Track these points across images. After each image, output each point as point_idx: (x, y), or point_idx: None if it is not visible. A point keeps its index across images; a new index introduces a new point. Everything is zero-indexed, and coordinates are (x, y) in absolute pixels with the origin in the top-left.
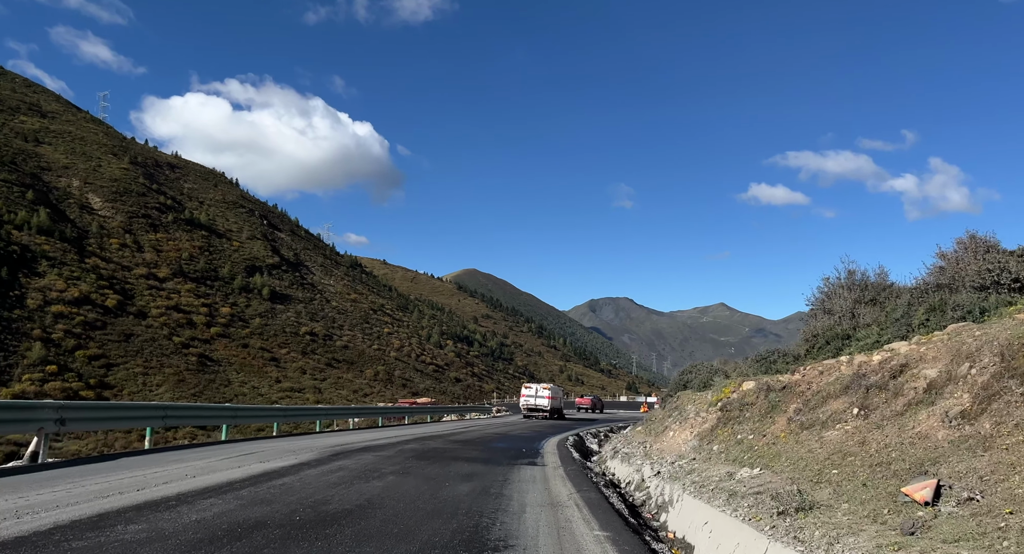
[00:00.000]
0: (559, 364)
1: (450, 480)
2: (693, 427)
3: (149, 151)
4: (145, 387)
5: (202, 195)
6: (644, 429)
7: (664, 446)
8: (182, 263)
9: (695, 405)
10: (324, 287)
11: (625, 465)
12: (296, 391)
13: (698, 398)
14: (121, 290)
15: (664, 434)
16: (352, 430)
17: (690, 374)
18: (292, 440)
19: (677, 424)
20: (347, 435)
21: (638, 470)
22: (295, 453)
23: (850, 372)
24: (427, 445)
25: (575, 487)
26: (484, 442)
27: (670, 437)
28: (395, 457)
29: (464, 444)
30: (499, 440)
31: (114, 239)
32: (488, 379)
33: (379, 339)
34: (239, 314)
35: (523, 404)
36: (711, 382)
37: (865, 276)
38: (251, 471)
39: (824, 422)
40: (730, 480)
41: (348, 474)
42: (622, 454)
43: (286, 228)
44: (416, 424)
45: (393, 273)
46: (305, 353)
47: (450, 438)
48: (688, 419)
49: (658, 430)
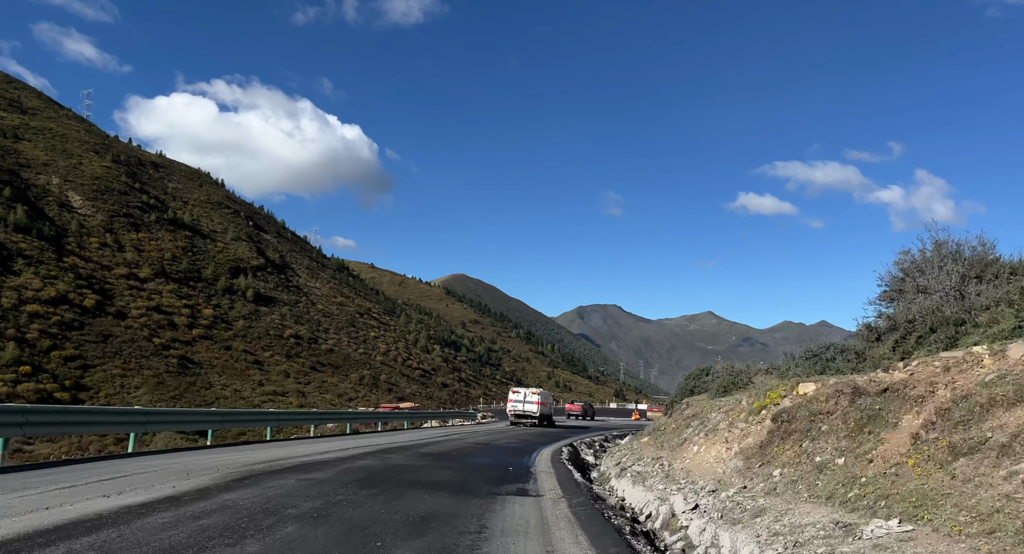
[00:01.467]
0: (547, 370)
1: (389, 531)
2: (729, 442)
3: (132, 149)
4: (123, 389)
5: (186, 195)
6: (653, 441)
7: (691, 465)
8: (164, 263)
9: (723, 413)
10: (310, 290)
11: (639, 488)
12: (280, 395)
13: (724, 404)
14: (100, 290)
15: (684, 448)
16: (310, 438)
17: (701, 378)
18: (215, 453)
19: (702, 437)
20: (294, 446)
21: (661, 499)
22: (187, 476)
23: (1004, 367)
24: (386, 461)
25: (592, 544)
26: (461, 456)
27: (695, 453)
28: (327, 483)
29: (435, 459)
30: (480, 453)
31: (94, 238)
32: (475, 384)
33: (365, 343)
34: (222, 316)
35: (510, 410)
36: (738, 385)
37: (960, 247)
38: (67, 515)
39: (1006, 446)
40: (853, 539)
41: (222, 521)
42: (632, 473)
43: (272, 230)
44: (391, 431)
45: (381, 277)
46: (289, 356)
47: (420, 450)
48: (718, 431)
49: (674, 443)
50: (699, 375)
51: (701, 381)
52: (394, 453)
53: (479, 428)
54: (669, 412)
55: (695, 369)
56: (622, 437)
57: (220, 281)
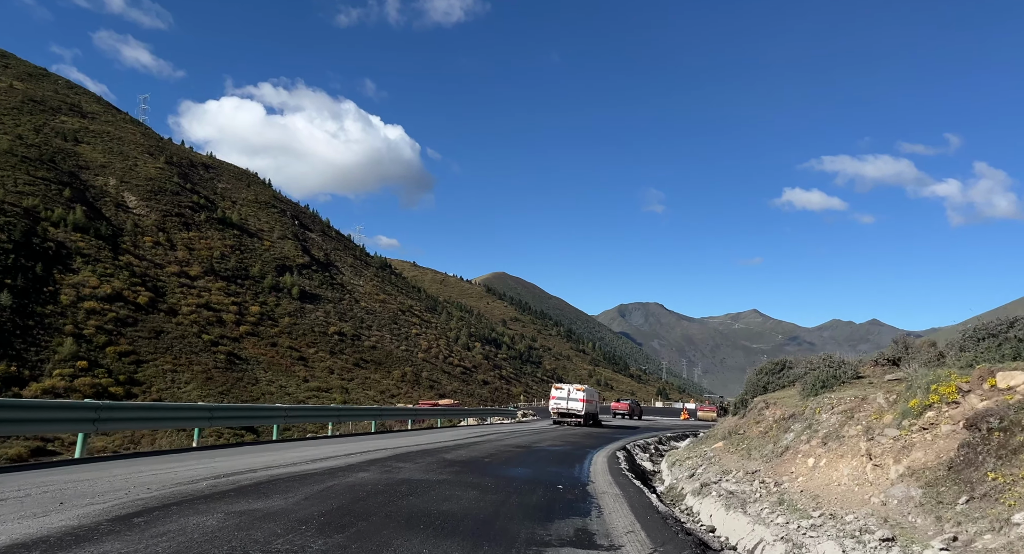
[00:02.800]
0: (588, 368)
1: None
2: (876, 456)
3: (184, 151)
4: (174, 384)
5: (235, 195)
6: (731, 446)
7: (813, 487)
8: (213, 262)
9: (841, 415)
10: (353, 287)
11: (738, 516)
12: (323, 391)
13: (838, 402)
14: (153, 287)
15: (788, 460)
16: (324, 439)
17: (778, 373)
18: (175, 461)
19: (816, 445)
20: (291, 450)
21: (788, 539)
22: (60, 505)
23: None
24: (391, 474)
25: None
26: (495, 465)
27: (810, 467)
28: (274, 520)
29: (460, 470)
30: (520, 460)
31: (148, 237)
32: (516, 382)
33: (407, 340)
34: (268, 313)
35: (553, 408)
36: (840, 379)
37: None
38: None
39: None
40: None
41: None
42: (721, 492)
43: (317, 229)
44: (422, 430)
45: (423, 275)
46: (333, 353)
47: (446, 456)
48: (845, 438)
49: (768, 451)
50: (774, 370)
51: (777, 376)
52: (409, 460)
53: (519, 427)
54: (740, 412)
55: (767, 363)
56: (678, 439)
57: (267, 279)
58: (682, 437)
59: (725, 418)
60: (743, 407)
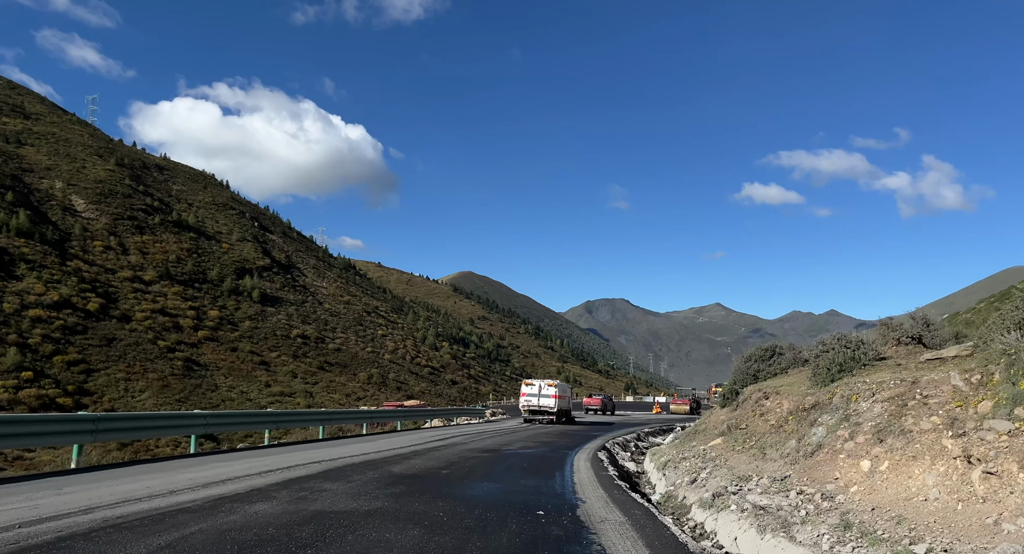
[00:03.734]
0: (557, 365)
1: None
2: (991, 461)
3: (136, 153)
4: (127, 393)
5: (191, 197)
6: (736, 444)
7: (882, 500)
8: (169, 265)
9: (890, 403)
10: (316, 289)
11: (787, 544)
12: (287, 395)
13: (884, 388)
14: (104, 293)
15: (826, 462)
16: (255, 451)
17: (768, 360)
18: None
19: (872, 445)
20: (199, 468)
21: None
22: None
23: None
24: (305, 504)
25: None
26: (453, 481)
27: (865, 472)
28: None
29: (405, 492)
30: (485, 472)
31: (98, 241)
32: (485, 381)
33: (373, 342)
34: (228, 317)
35: (523, 405)
36: (860, 361)
37: None
38: None
39: None
40: None
41: None
42: (742, 505)
43: (278, 230)
44: (378, 435)
45: (388, 276)
46: (296, 356)
47: (393, 469)
48: (916, 435)
49: (790, 450)
50: (763, 356)
51: (767, 364)
52: (341, 478)
53: (488, 427)
54: (731, 404)
55: (755, 349)
56: (657, 434)
57: (226, 282)
58: (661, 432)
59: (713, 411)
60: (733, 398)
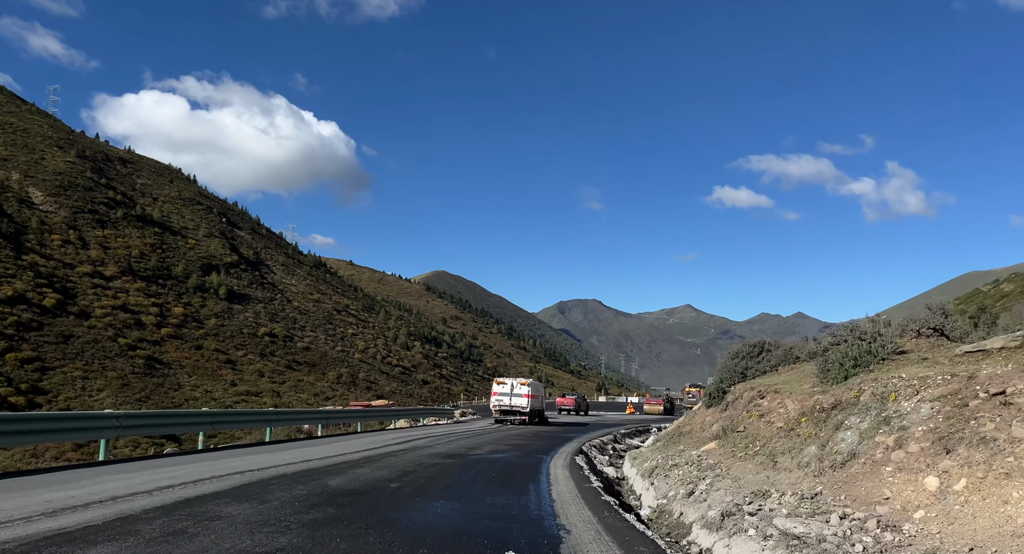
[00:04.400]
0: (529, 365)
1: None
2: None
3: (99, 145)
4: (84, 392)
5: (156, 191)
6: (727, 448)
7: (977, 534)
8: (132, 261)
9: (943, 404)
10: (285, 287)
11: None
12: (253, 394)
13: (928, 386)
14: (62, 289)
15: (867, 475)
16: (181, 457)
17: (757, 357)
18: None
19: (938, 456)
20: (96, 480)
21: None
22: None
23: None
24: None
25: None
26: (400, 499)
27: (934, 491)
28: None
29: (329, 520)
30: (444, 484)
31: (56, 235)
32: (457, 381)
33: (343, 341)
34: (193, 314)
35: (495, 405)
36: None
37: None
38: None
39: None
40: None
41: None
42: (766, 531)
43: (246, 226)
44: (334, 438)
45: (360, 274)
46: (264, 355)
47: (326, 485)
48: (1000, 445)
49: (813, 459)
50: (751, 353)
51: (756, 361)
52: (252, 498)
53: (456, 429)
54: (719, 404)
55: (743, 346)
56: (633, 435)
57: (191, 279)
58: (637, 433)
59: (697, 411)
60: (720, 397)
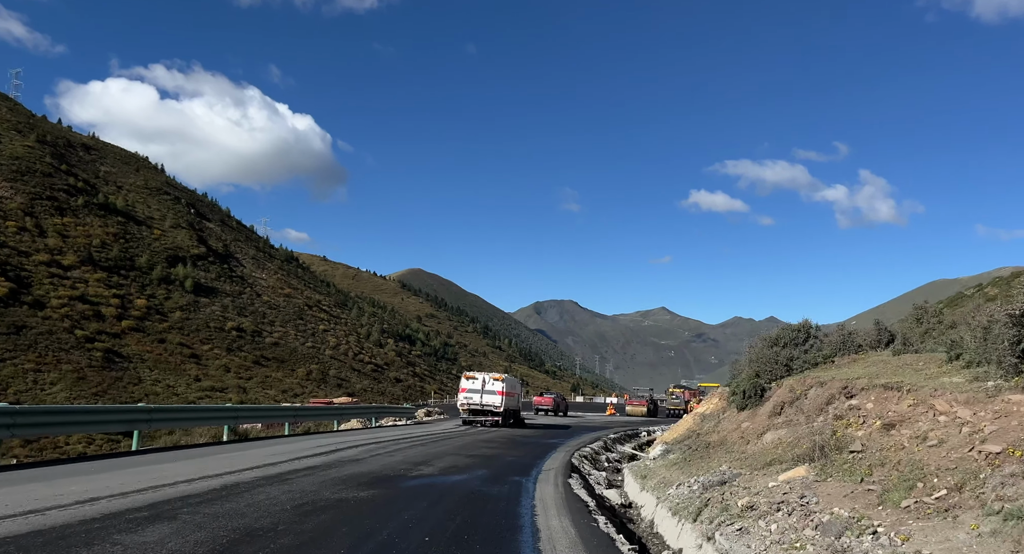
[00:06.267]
0: (504, 365)
1: None
2: None
3: (61, 130)
4: (36, 385)
5: (121, 180)
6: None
7: None
8: (92, 250)
9: None
10: (255, 280)
11: None
12: (218, 390)
13: None
14: (15, 278)
15: None
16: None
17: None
18: None
19: None
20: None
21: None
22: None
23: None
24: None
25: None
26: None
27: None
28: None
29: None
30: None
31: (11, 222)
32: (431, 379)
33: (314, 336)
34: (157, 307)
35: (463, 403)
36: None
37: None
38: None
39: None
40: None
41: None
42: None
43: (216, 218)
44: (245, 444)
45: (334, 270)
46: (230, 350)
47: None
48: None
49: None
50: (795, 339)
51: (803, 349)
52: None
53: (414, 432)
54: (764, 404)
55: (782, 330)
56: (623, 441)
57: (156, 270)
58: (627, 437)
59: (727, 415)
60: (757, 396)
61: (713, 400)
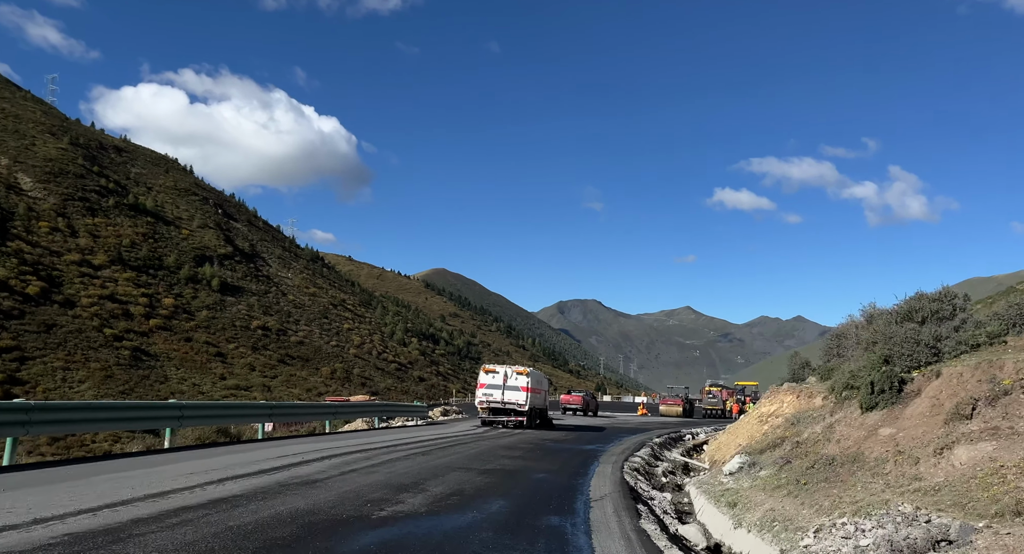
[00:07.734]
0: (528, 364)
1: None
2: None
3: (93, 133)
4: (64, 383)
5: (151, 181)
6: None
7: None
8: (122, 250)
9: None
10: (281, 280)
11: None
12: (243, 389)
13: None
14: (47, 277)
15: None
16: None
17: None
18: None
19: None
20: None
21: None
22: None
23: None
24: None
25: None
26: None
27: None
28: None
29: None
30: None
31: (44, 222)
32: (454, 378)
33: (338, 335)
34: (184, 306)
35: (481, 401)
36: None
37: None
38: None
39: None
40: None
41: None
42: None
43: (243, 218)
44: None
45: (359, 269)
46: (256, 348)
47: None
48: None
49: None
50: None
51: (951, 326)
52: None
53: (422, 435)
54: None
55: (912, 298)
56: (669, 446)
57: (183, 269)
58: (671, 442)
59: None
60: (895, 391)
61: (786, 397)
